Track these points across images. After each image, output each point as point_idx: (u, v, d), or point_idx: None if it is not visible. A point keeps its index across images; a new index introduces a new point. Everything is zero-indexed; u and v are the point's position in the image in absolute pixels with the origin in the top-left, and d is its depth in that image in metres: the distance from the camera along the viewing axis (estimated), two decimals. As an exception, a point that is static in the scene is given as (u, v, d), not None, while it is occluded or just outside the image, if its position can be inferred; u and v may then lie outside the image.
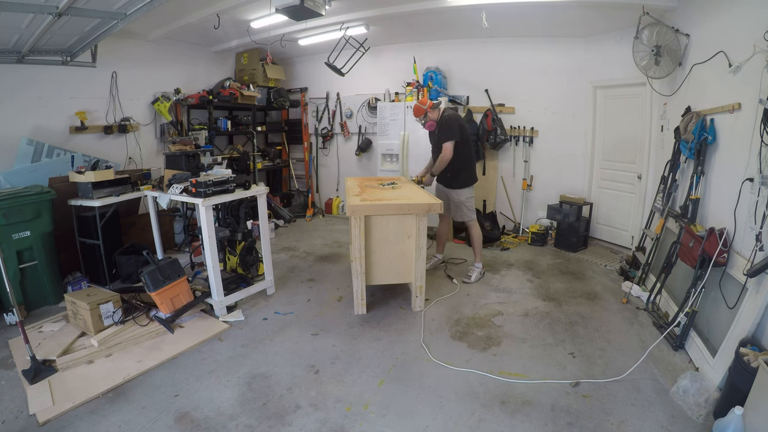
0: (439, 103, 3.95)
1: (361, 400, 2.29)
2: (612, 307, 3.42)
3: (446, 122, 3.76)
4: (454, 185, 3.93)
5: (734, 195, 2.48)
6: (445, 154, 3.74)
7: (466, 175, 3.92)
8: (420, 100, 3.95)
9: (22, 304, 3.19)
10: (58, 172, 3.90)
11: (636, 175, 4.55)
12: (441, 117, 3.83)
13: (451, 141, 3.73)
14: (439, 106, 3.90)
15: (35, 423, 2.10)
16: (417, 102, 3.92)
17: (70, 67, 4.26)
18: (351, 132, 6.55)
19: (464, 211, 3.96)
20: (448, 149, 3.74)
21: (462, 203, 3.93)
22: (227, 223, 3.54)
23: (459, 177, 3.90)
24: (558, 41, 5.01)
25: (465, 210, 3.96)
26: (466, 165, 3.89)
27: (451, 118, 3.79)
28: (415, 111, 3.89)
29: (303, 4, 3.23)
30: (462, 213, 3.98)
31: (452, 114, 3.86)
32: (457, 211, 3.99)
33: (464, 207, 3.95)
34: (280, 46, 5.41)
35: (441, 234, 4.30)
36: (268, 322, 3.18)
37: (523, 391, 2.36)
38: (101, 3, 3.10)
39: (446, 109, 3.97)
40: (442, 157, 3.76)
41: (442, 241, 4.35)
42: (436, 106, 3.86)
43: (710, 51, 2.98)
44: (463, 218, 4.01)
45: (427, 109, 3.83)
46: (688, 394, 2.17)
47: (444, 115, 3.81)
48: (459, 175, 3.90)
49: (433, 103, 3.86)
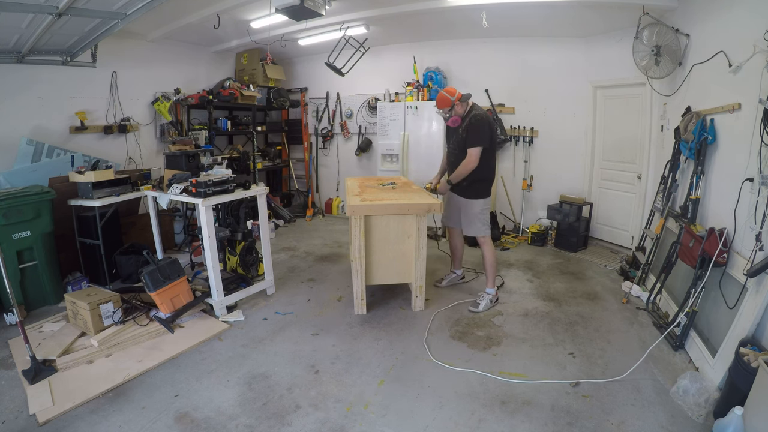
0: (468, 95, 3.36)
1: (361, 400, 2.29)
2: (612, 307, 3.42)
3: (476, 123, 3.22)
4: (469, 195, 3.41)
5: (734, 195, 2.48)
6: (469, 161, 3.22)
7: (484, 185, 3.42)
8: (446, 88, 3.35)
9: (22, 304, 3.19)
10: (58, 172, 3.90)
11: (636, 175, 4.55)
12: (470, 114, 3.29)
13: (479, 147, 3.21)
14: (468, 100, 3.34)
15: (35, 423, 2.09)
16: (442, 90, 3.32)
17: (70, 67, 4.26)
18: (351, 132, 6.55)
19: (477, 226, 3.42)
20: (474, 156, 3.21)
21: (476, 216, 3.40)
22: (227, 223, 3.54)
23: (476, 186, 3.39)
24: (558, 41, 5.01)
25: (478, 224, 3.41)
26: (487, 174, 3.40)
27: (482, 118, 3.24)
28: (439, 101, 3.31)
29: (303, 4, 3.23)
30: (474, 227, 3.43)
31: (483, 113, 3.30)
32: (470, 225, 3.45)
33: (477, 221, 3.41)
34: (280, 46, 5.41)
35: (455, 248, 3.82)
36: (268, 322, 3.18)
37: (523, 391, 2.36)
38: (101, 3, 3.10)
39: (475, 105, 3.38)
40: (465, 165, 3.25)
41: (458, 255, 3.84)
42: (465, 99, 3.30)
43: (710, 51, 2.98)
44: (476, 233, 3.45)
45: (454, 101, 3.27)
46: (688, 394, 2.17)
47: (474, 114, 3.27)
48: (476, 185, 3.38)
49: (462, 95, 3.30)
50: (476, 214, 3.40)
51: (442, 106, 3.32)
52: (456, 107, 3.30)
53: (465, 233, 3.57)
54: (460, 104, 3.30)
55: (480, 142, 3.21)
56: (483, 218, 3.42)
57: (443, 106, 3.32)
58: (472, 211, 3.41)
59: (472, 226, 3.45)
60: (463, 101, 3.31)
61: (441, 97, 3.30)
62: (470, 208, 3.42)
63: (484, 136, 3.22)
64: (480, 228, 3.43)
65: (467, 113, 3.32)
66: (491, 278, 3.46)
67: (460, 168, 3.28)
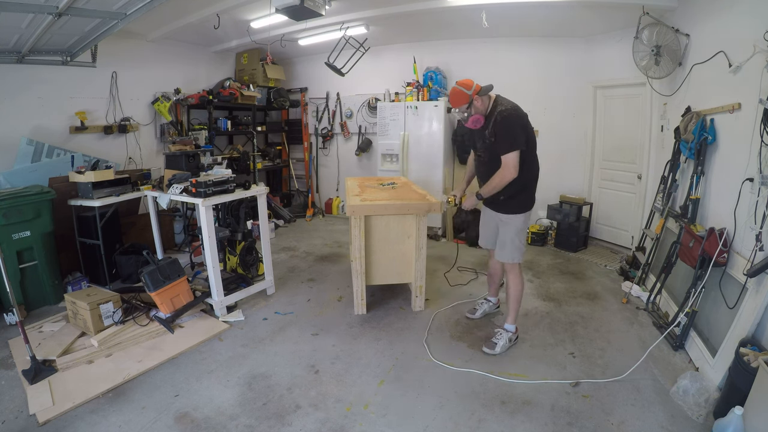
0: (490, 87, 2.62)
1: (361, 400, 2.29)
2: (612, 307, 3.42)
3: (506, 122, 2.52)
4: (508, 209, 2.75)
5: (734, 195, 2.48)
6: (506, 171, 2.54)
7: (526, 195, 2.74)
8: (461, 81, 2.61)
9: (22, 304, 3.19)
10: (58, 172, 3.90)
11: (636, 175, 4.55)
12: (495, 111, 2.59)
13: (515, 151, 2.52)
14: (489, 92, 2.62)
15: (35, 423, 2.09)
16: (456, 84, 2.61)
17: (70, 67, 4.26)
18: (351, 132, 6.55)
19: (508, 249, 2.75)
20: (512, 164, 2.52)
21: (513, 236, 2.74)
22: (227, 223, 3.54)
23: (517, 198, 2.71)
24: (558, 41, 5.01)
25: (510, 247, 2.75)
26: (528, 182, 2.71)
27: (512, 114, 2.54)
28: (454, 98, 2.60)
29: (303, 4, 3.23)
30: (506, 251, 2.77)
31: (512, 107, 2.59)
32: (503, 247, 2.78)
33: (511, 242, 2.74)
34: (280, 46, 5.41)
35: (493, 272, 3.18)
36: (268, 322, 3.18)
37: (523, 391, 2.36)
38: (101, 3, 3.10)
39: (500, 99, 2.67)
40: (501, 176, 2.56)
41: (495, 280, 3.21)
42: (485, 92, 2.59)
43: (710, 51, 2.98)
44: (505, 258, 2.79)
45: (472, 95, 2.56)
46: (688, 394, 2.17)
47: (501, 110, 2.56)
48: (518, 196, 2.71)
49: (482, 87, 2.59)
50: (514, 233, 2.74)
51: (457, 103, 2.61)
52: (475, 103, 2.59)
53: (496, 257, 2.89)
54: (480, 99, 2.60)
55: (514, 145, 2.53)
56: (520, 240, 2.76)
57: (459, 104, 2.60)
58: (510, 229, 2.76)
59: (505, 248, 2.78)
60: (483, 95, 2.61)
61: (455, 93, 2.60)
62: (509, 225, 2.76)
63: (518, 138, 2.53)
64: (511, 253, 2.76)
65: (491, 110, 2.63)
66: (513, 312, 2.86)
67: (495, 179, 2.60)
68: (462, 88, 2.59)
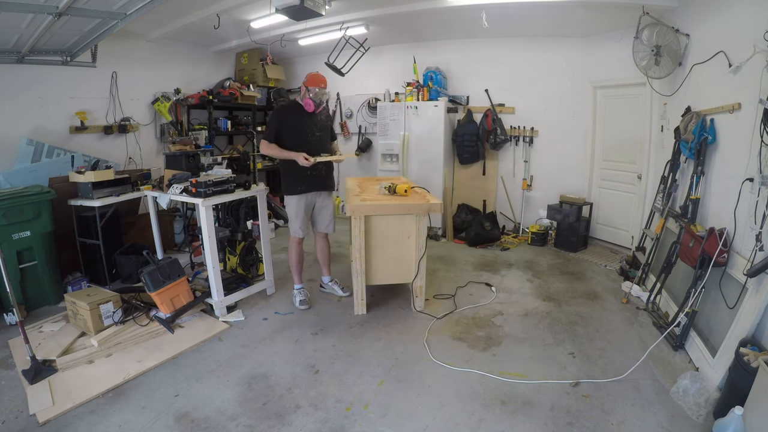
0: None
1: (361, 400, 2.29)
2: (612, 307, 3.42)
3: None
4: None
5: (734, 195, 2.48)
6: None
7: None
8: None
9: (22, 304, 3.19)
10: (58, 172, 3.90)
11: (636, 175, 4.55)
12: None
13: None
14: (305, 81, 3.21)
15: (35, 423, 2.09)
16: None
17: (70, 67, 4.26)
18: (351, 132, 6.55)
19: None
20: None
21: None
22: (227, 223, 3.54)
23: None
24: (558, 41, 5.00)
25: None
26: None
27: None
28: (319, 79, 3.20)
29: (303, 4, 3.23)
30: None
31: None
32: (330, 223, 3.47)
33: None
34: (280, 46, 5.41)
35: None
36: (268, 322, 3.18)
37: (523, 391, 2.36)
38: (101, 3, 3.10)
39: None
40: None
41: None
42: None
43: (710, 51, 2.98)
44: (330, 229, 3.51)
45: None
46: (688, 394, 2.17)
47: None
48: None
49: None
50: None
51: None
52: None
53: (326, 230, 3.51)
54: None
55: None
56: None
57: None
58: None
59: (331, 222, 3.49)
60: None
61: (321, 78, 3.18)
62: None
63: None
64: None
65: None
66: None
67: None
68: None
